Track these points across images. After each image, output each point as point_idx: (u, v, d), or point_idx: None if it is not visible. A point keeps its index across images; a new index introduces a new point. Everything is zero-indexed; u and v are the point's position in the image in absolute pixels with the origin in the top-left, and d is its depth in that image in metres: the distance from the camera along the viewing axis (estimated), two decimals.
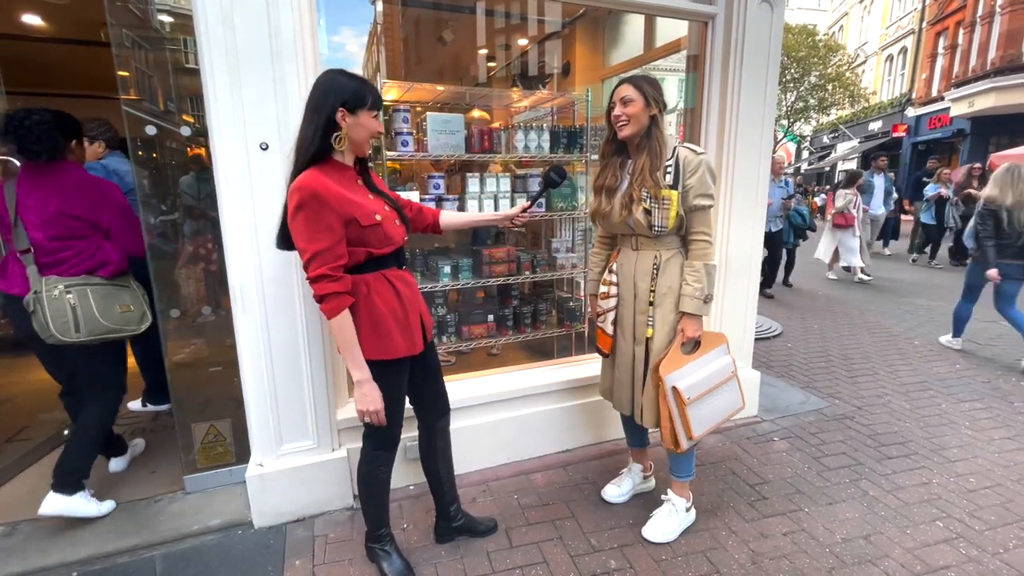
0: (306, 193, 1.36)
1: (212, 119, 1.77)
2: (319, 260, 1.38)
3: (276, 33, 1.77)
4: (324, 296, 1.40)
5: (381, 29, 4.59)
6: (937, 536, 1.98)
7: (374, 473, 1.69)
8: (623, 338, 1.94)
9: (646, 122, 1.77)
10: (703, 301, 1.78)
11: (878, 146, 19.14)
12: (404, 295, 1.57)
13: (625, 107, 1.76)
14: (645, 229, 1.79)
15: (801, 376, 3.60)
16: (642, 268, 1.86)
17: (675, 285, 1.82)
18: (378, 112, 1.49)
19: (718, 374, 1.90)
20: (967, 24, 14.87)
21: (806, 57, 18.05)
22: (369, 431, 1.65)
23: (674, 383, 1.77)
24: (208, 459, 2.23)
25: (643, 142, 1.79)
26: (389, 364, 1.55)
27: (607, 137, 1.90)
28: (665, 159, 1.76)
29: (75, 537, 1.95)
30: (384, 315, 1.52)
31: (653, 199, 1.74)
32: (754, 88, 2.55)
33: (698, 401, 1.82)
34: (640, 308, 1.88)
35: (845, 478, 2.35)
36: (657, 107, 1.77)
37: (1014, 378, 3.55)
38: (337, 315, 1.41)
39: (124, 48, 2.10)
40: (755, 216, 2.72)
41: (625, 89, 1.77)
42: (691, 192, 1.75)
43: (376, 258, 1.51)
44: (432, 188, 2.58)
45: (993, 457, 2.53)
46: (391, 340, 1.53)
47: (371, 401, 1.48)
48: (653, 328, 1.85)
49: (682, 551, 1.90)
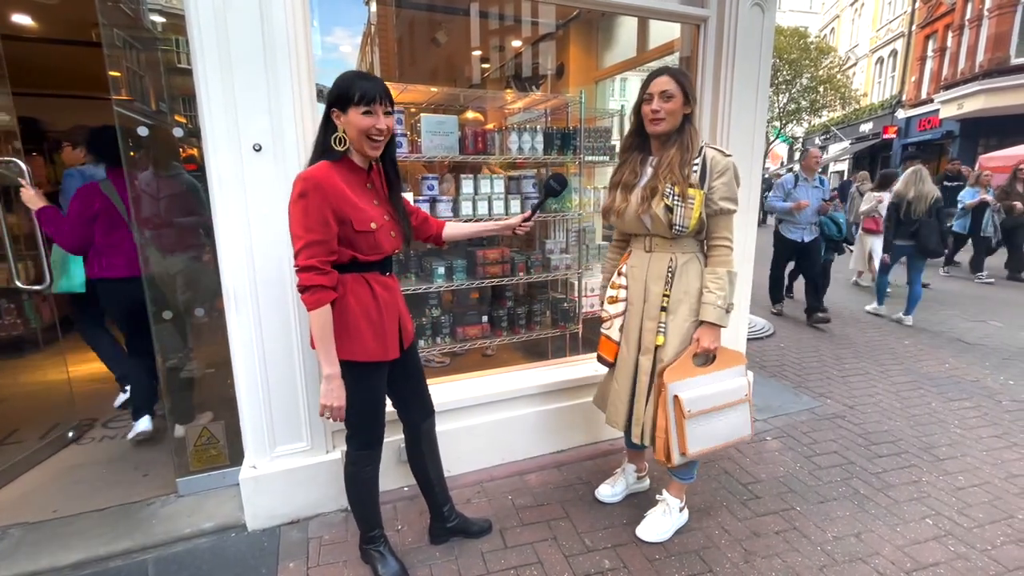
0: (310, 183, 1.38)
1: (204, 120, 1.76)
2: (310, 251, 1.39)
3: (269, 33, 1.76)
4: (309, 287, 1.40)
5: (375, 30, 4.60)
6: (926, 533, 2.00)
7: (359, 474, 1.68)
8: (627, 347, 1.84)
9: (680, 120, 1.69)
10: (725, 311, 1.68)
11: (869, 147, 19.35)
12: (381, 298, 1.55)
13: (665, 102, 1.65)
14: (664, 228, 1.69)
15: (793, 376, 3.63)
16: (655, 271, 1.77)
17: (692, 291, 1.73)
18: (369, 107, 1.41)
19: (728, 394, 1.78)
20: (956, 27, 15.04)
21: (798, 59, 18.20)
22: (351, 432, 1.65)
23: (677, 392, 1.69)
24: (201, 461, 2.22)
25: (674, 137, 1.70)
26: (359, 366, 1.54)
27: (631, 130, 1.79)
28: (694, 155, 1.68)
29: (66, 541, 1.93)
30: (356, 317, 1.51)
31: (677, 196, 1.64)
32: (746, 90, 2.57)
33: (699, 417, 1.73)
34: (650, 314, 1.77)
35: (836, 477, 2.38)
36: (694, 104, 1.70)
37: (1002, 377, 3.59)
38: (318, 308, 1.42)
39: (115, 48, 2.09)
40: (747, 215, 2.73)
41: (667, 83, 1.65)
42: (716, 194, 1.67)
43: (360, 262, 1.51)
44: (426, 189, 2.58)
45: (981, 455, 2.56)
46: (361, 342, 1.52)
47: (335, 398, 1.48)
48: (665, 336, 1.74)
49: (676, 550, 1.91)
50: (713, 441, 1.78)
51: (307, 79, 1.89)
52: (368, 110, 1.42)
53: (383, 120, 1.45)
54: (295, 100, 1.83)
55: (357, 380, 1.55)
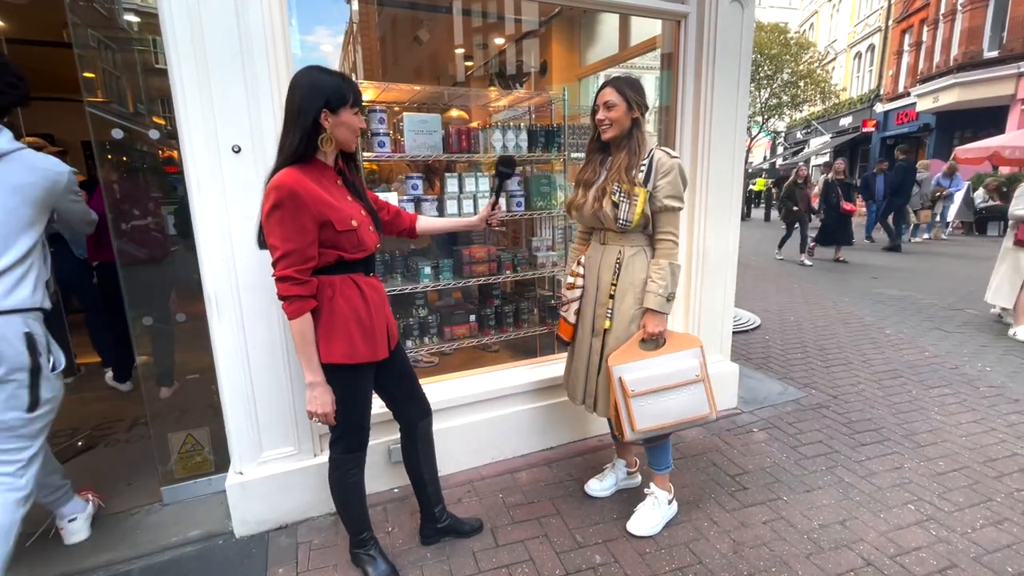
0: (283, 192, 1.34)
1: (181, 122, 1.73)
2: (287, 261, 1.38)
3: (246, 32, 1.73)
4: (287, 297, 1.41)
5: (357, 28, 4.54)
6: (909, 519, 2.04)
7: (345, 479, 1.67)
8: (582, 329, 2.00)
9: (628, 124, 1.82)
10: (666, 299, 1.82)
11: (849, 141, 19.66)
12: (371, 300, 1.55)
13: (608, 111, 1.80)
14: (612, 223, 1.83)
15: (779, 367, 3.68)
16: (606, 262, 1.91)
17: (636, 282, 1.86)
18: (359, 108, 1.48)
19: (677, 375, 1.86)
20: (931, 22, 15.36)
21: (778, 55, 18.44)
22: (337, 436, 1.64)
23: (620, 374, 1.81)
24: (186, 469, 2.18)
25: (624, 142, 1.84)
26: (349, 368, 1.53)
27: (592, 136, 1.94)
28: (642, 158, 1.82)
29: (49, 554, 1.89)
30: (347, 318, 1.50)
31: (624, 194, 1.79)
32: (727, 85, 2.60)
33: (645, 396, 1.82)
34: (600, 301, 1.92)
35: (821, 466, 2.42)
36: (639, 110, 1.80)
37: (980, 364, 3.68)
38: (298, 317, 1.42)
39: (89, 48, 2.04)
40: (730, 211, 2.77)
41: (608, 93, 1.81)
42: (661, 192, 1.80)
43: (346, 262, 1.50)
44: (410, 189, 2.56)
45: (961, 441, 2.63)
46: (352, 344, 1.51)
47: (321, 404, 1.49)
48: (611, 321, 1.89)
49: (665, 543, 1.93)
50: (664, 418, 1.87)
51: (286, 78, 1.85)
52: (358, 109, 1.46)
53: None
54: (274, 100, 1.81)
55: (344, 383, 1.54)
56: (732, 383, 2.99)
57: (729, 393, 2.99)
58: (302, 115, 1.39)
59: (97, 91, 2.14)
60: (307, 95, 1.39)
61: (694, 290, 2.79)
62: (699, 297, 2.79)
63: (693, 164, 2.66)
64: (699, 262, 2.75)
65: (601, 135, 1.86)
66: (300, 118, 1.40)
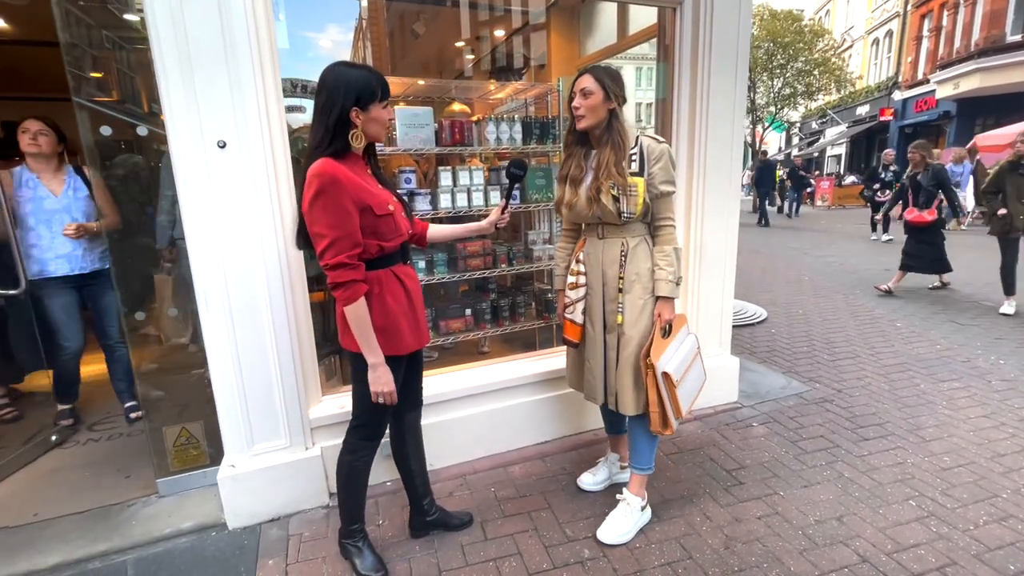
0: (326, 179, 1.35)
1: (167, 118, 1.74)
2: (337, 247, 1.38)
3: (229, 27, 1.73)
4: (342, 284, 1.40)
5: (365, 23, 4.54)
6: (909, 515, 1.99)
7: (355, 463, 1.69)
8: (593, 327, 1.93)
9: (604, 115, 1.77)
10: (676, 284, 1.83)
11: (866, 130, 19.22)
12: (412, 291, 1.61)
13: (585, 99, 1.75)
14: (613, 216, 1.79)
15: (783, 361, 3.62)
16: (609, 256, 1.87)
17: (641, 271, 1.83)
18: (387, 101, 1.49)
19: (689, 352, 1.95)
20: (951, 6, 14.90)
21: (792, 42, 18.01)
22: (359, 423, 1.66)
23: (664, 368, 1.78)
24: (181, 462, 2.21)
25: (604, 135, 1.79)
26: (393, 359, 1.55)
27: (570, 126, 1.89)
28: (629, 149, 1.78)
29: (44, 544, 1.93)
30: (396, 316, 1.54)
31: (620, 189, 1.75)
32: (724, 75, 2.54)
33: (682, 381, 1.85)
34: (609, 296, 1.88)
35: (821, 461, 2.37)
36: (616, 101, 1.76)
37: (993, 356, 3.58)
38: (354, 303, 1.42)
39: (76, 47, 2.06)
40: (728, 204, 2.71)
41: (585, 80, 1.76)
42: (656, 179, 1.78)
43: (386, 253, 1.52)
44: (403, 183, 2.55)
45: (968, 435, 2.55)
46: (401, 337, 1.56)
47: (385, 383, 1.51)
48: (623, 315, 1.86)
49: (656, 538, 1.90)
50: (689, 398, 1.92)
51: (271, 73, 1.86)
52: (387, 103, 1.49)
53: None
54: (259, 95, 1.80)
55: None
56: (732, 377, 2.94)
57: (729, 387, 2.94)
58: (333, 112, 1.40)
59: (112, 91, 2.19)
60: (336, 91, 1.40)
61: (692, 284, 2.74)
62: (697, 291, 2.75)
63: (690, 157, 2.61)
64: (697, 256, 2.70)
65: (576, 124, 1.80)
66: (330, 115, 1.40)
